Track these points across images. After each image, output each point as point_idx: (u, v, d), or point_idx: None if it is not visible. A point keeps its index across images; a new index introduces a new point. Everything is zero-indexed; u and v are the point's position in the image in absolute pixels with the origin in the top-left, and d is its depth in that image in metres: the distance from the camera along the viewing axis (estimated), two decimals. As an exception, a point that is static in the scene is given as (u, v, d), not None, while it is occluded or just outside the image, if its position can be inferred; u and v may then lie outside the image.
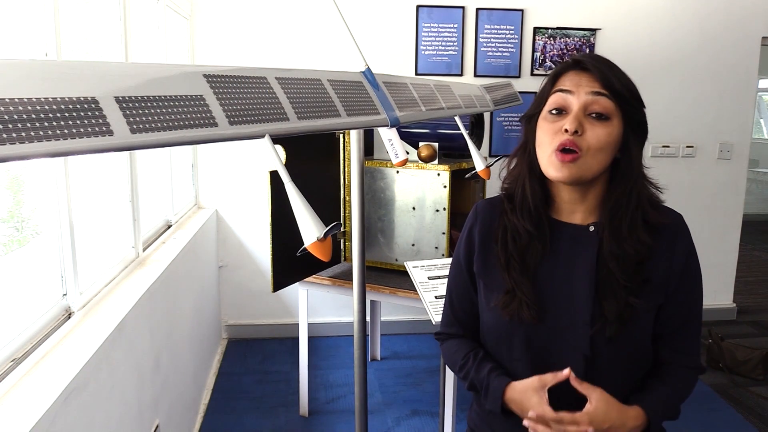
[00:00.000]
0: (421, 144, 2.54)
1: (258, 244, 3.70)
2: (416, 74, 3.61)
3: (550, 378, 1.03)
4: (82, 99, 0.63)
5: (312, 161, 2.62)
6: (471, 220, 1.20)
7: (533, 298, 1.07)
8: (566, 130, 1.00)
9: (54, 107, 0.60)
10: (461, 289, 1.21)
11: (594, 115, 1.01)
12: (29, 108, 0.58)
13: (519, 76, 3.69)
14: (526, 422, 1.03)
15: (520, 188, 1.10)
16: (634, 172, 1.05)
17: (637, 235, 1.04)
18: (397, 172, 2.62)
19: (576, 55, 1.06)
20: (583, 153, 1.00)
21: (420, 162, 2.55)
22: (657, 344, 1.11)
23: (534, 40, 3.69)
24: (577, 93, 1.01)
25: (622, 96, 1.01)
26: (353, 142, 1.59)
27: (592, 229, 1.08)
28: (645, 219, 1.05)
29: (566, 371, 1.02)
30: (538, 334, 1.08)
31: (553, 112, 1.04)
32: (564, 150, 1.01)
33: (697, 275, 1.11)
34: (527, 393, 1.04)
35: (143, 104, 0.70)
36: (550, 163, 1.03)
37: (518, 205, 1.10)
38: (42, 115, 0.59)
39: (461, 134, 1.78)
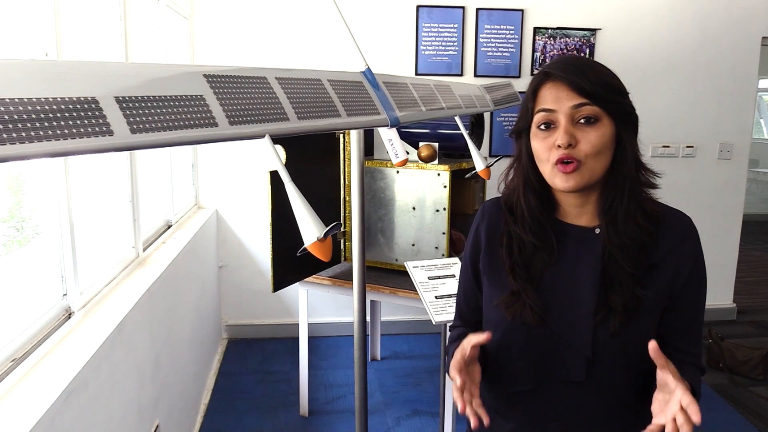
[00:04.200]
0: (421, 144, 2.54)
1: (258, 244, 3.70)
2: (416, 74, 3.61)
3: (474, 338, 1.02)
4: (82, 99, 0.63)
5: (312, 161, 2.62)
6: (478, 219, 1.21)
7: (537, 302, 1.07)
8: (559, 146, 1.01)
9: (54, 107, 0.60)
10: (468, 287, 1.23)
11: (582, 120, 1.02)
12: (29, 108, 0.58)
13: (519, 76, 3.69)
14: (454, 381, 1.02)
15: (518, 201, 1.11)
16: (627, 163, 1.05)
17: (635, 221, 1.05)
18: (397, 172, 2.62)
19: (547, 66, 1.06)
20: (583, 160, 1.02)
21: (420, 162, 2.55)
22: (660, 346, 1.11)
23: (534, 40, 3.69)
24: (559, 109, 1.02)
25: (603, 98, 1.02)
26: (353, 142, 1.59)
27: (597, 231, 1.09)
28: (642, 207, 1.06)
29: (486, 335, 1.01)
30: (541, 335, 1.08)
31: (542, 127, 1.05)
32: (563, 162, 1.02)
33: (703, 280, 1.12)
34: (458, 350, 1.04)
35: (143, 104, 0.70)
36: (554, 176, 1.04)
37: (519, 218, 1.11)
38: (42, 115, 0.59)
39: (461, 134, 1.78)
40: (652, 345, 0.94)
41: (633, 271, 1.04)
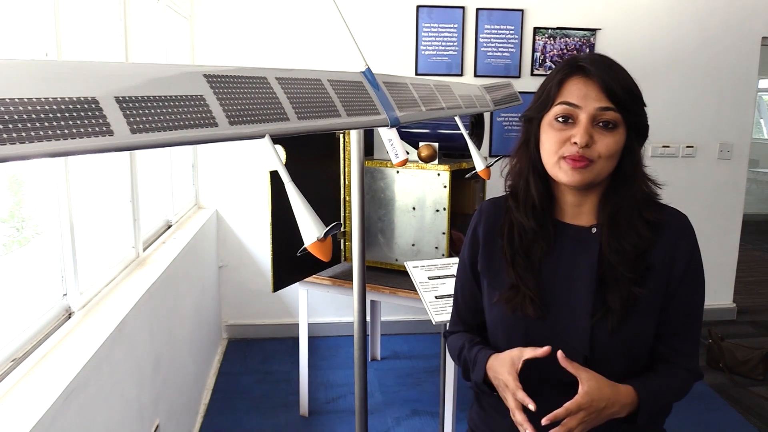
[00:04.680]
0: (421, 144, 2.54)
1: (258, 244, 3.69)
2: (416, 74, 3.61)
3: (529, 351, 1.03)
4: (82, 99, 0.63)
5: (312, 161, 2.62)
6: (475, 220, 1.21)
7: (537, 293, 1.08)
8: (575, 143, 1.01)
9: (54, 107, 0.60)
10: (466, 288, 1.23)
11: (601, 124, 1.02)
12: (29, 108, 0.58)
13: (519, 76, 3.69)
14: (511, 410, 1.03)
15: (523, 186, 1.11)
16: (638, 176, 1.06)
17: (636, 231, 1.05)
18: (397, 172, 2.62)
19: (579, 59, 1.04)
20: (595, 160, 1.02)
21: (420, 162, 2.55)
22: (656, 345, 1.11)
23: (534, 40, 3.69)
24: (584, 106, 1.01)
25: (627, 107, 1.02)
26: (353, 142, 1.59)
27: (594, 230, 1.09)
28: (644, 217, 1.07)
29: (545, 349, 1.02)
30: (539, 331, 1.08)
31: (560, 119, 1.04)
32: (574, 159, 1.02)
33: (700, 278, 1.12)
34: (504, 362, 1.05)
35: (143, 104, 0.70)
36: (558, 169, 1.04)
37: (522, 203, 1.11)
38: (42, 115, 0.59)
39: (461, 134, 1.78)
40: (560, 354, 1.00)
41: (630, 274, 1.05)
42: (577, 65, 1.04)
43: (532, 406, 0.99)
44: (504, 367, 1.05)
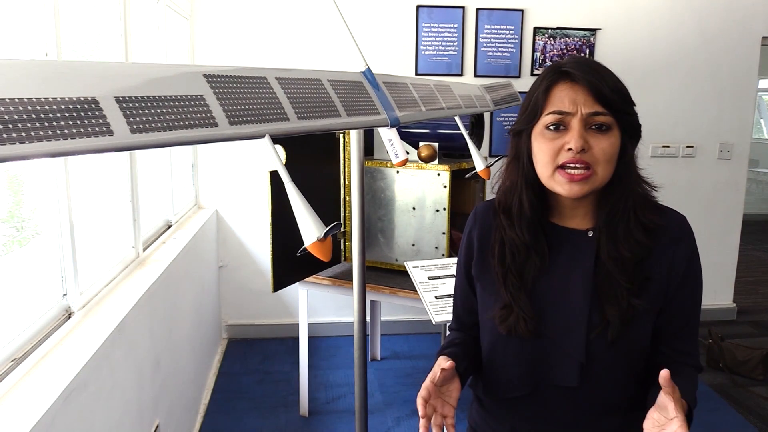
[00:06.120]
0: (421, 144, 2.54)
1: (258, 244, 3.69)
2: (416, 74, 3.61)
3: (445, 363, 1.04)
4: (82, 99, 0.63)
5: (312, 161, 2.62)
6: (470, 224, 1.19)
7: (530, 313, 1.05)
8: (570, 149, 0.97)
9: (54, 107, 0.60)
10: (463, 290, 1.22)
11: (594, 127, 0.99)
12: (29, 108, 0.58)
13: (519, 76, 3.69)
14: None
15: (517, 201, 1.07)
16: (632, 177, 1.04)
17: (634, 237, 1.03)
18: (397, 172, 2.62)
19: (563, 64, 1.02)
20: (593, 168, 0.99)
21: (420, 162, 2.55)
22: (656, 345, 1.10)
23: (534, 40, 3.69)
24: (575, 112, 0.98)
25: (618, 109, 0.99)
26: (353, 142, 1.59)
27: (591, 234, 1.07)
28: (641, 220, 1.04)
29: (449, 363, 1.03)
30: (534, 344, 1.07)
31: (551, 128, 1.00)
32: (573, 167, 0.98)
33: (699, 279, 1.10)
34: (431, 373, 1.05)
35: (143, 104, 0.70)
36: (555, 182, 1.01)
37: (515, 218, 1.07)
38: (42, 115, 0.59)
39: (461, 134, 1.78)
40: (664, 374, 0.89)
41: (628, 285, 1.02)
42: (562, 71, 1.01)
43: (421, 411, 1.01)
44: (428, 379, 1.06)
